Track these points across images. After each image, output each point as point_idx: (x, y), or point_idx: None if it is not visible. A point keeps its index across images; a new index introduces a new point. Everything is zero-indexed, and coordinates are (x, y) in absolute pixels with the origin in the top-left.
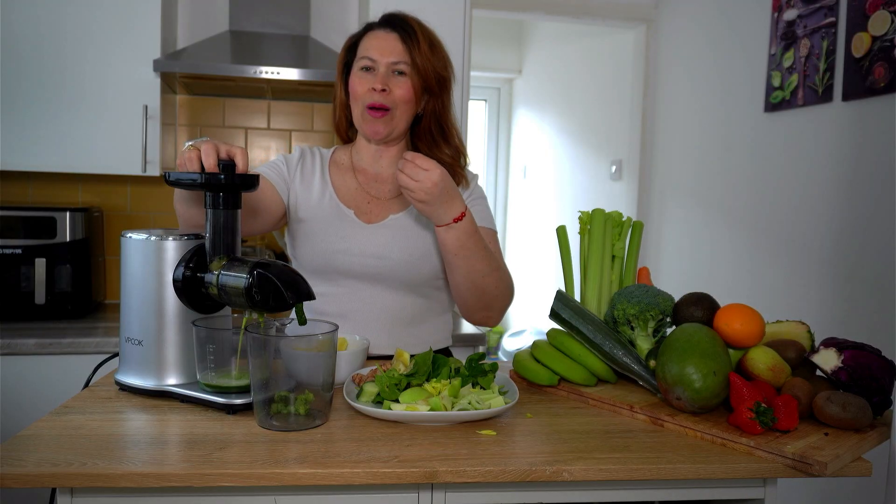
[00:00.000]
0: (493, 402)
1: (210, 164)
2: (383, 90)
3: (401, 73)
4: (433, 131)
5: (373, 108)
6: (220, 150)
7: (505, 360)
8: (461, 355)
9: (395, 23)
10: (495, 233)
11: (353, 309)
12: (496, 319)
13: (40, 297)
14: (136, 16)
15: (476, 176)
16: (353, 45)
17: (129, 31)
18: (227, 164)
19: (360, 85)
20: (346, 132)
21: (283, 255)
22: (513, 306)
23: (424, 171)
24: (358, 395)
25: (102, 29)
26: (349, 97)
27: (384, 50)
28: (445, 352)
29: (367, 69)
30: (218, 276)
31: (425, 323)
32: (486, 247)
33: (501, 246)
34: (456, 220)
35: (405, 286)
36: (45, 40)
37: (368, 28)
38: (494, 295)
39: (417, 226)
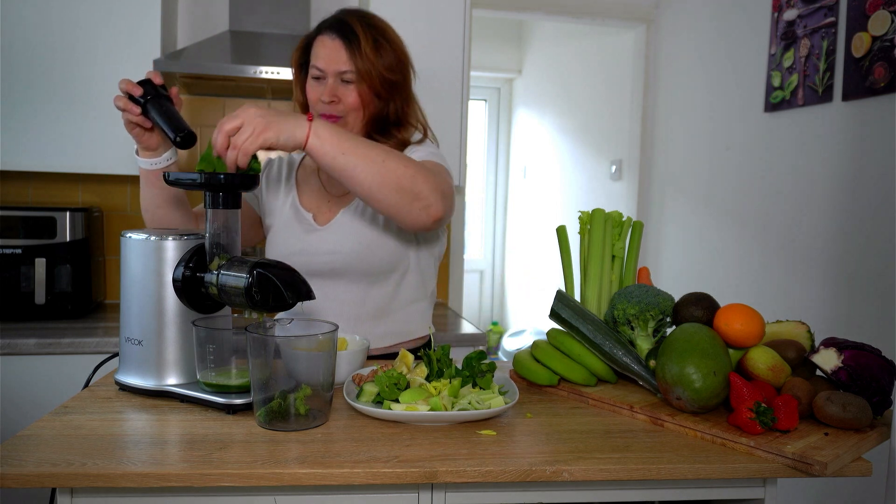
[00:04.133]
0: (493, 402)
1: (132, 88)
2: (331, 101)
3: (348, 81)
4: (390, 125)
5: (325, 116)
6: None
7: (505, 360)
8: (461, 355)
9: (341, 28)
10: (444, 168)
11: (316, 308)
12: (437, 207)
13: (40, 297)
14: (136, 16)
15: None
16: (306, 47)
17: (129, 31)
18: (146, 81)
19: (312, 94)
20: None
21: None
22: (512, 306)
23: (235, 117)
24: (358, 395)
25: (102, 29)
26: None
27: (330, 59)
28: (427, 343)
29: (317, 78)
30: (218, 275)
31: (394, 314)
32: (367, 141)
33: (502, 245)
34: (310, 121)
35: (364, 277)
36: (45, 40)
37: (319, 30)
38: (410, 174)
39: (364, 214)
